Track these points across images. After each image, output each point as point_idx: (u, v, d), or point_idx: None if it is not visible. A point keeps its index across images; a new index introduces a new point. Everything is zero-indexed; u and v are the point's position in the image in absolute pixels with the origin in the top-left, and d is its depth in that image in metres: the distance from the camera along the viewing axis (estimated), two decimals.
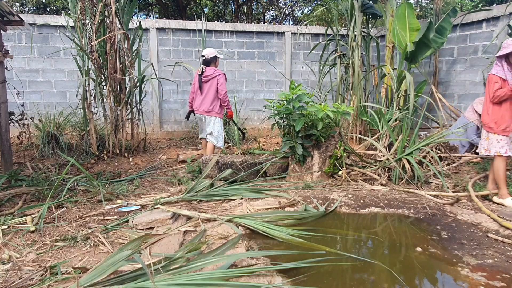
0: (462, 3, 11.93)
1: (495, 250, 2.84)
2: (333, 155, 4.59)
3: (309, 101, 4.46)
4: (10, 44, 6.88)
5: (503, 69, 3.66)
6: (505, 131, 3.71)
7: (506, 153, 3.71)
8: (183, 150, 6.29)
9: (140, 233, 3.03)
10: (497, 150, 3.73)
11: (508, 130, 3.71)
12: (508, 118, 3.70)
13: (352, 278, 2.50)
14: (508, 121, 3.70)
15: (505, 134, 3.71)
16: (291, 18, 16.04)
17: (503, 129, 3.71)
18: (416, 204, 3.76)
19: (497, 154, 3.73)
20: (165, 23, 7.64)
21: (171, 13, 14.17)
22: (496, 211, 3.49)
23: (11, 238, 2.97)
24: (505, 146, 3.71)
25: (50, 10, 12.80)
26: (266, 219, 3.30)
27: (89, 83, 5.40)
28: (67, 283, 2.27)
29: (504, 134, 3.71)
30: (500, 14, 5.89)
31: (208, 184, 4.16)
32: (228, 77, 8.07)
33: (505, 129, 3.71)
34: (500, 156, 3.74)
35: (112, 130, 5.56)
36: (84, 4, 5.03)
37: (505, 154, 3.71)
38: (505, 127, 3.71)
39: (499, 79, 3.67)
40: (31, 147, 6.04)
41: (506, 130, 3.71)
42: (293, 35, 8.23)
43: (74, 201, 3.80)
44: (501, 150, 3.72)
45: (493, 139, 3.76)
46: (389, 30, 6.80)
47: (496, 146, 3.74)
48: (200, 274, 2.29)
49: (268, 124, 7.78)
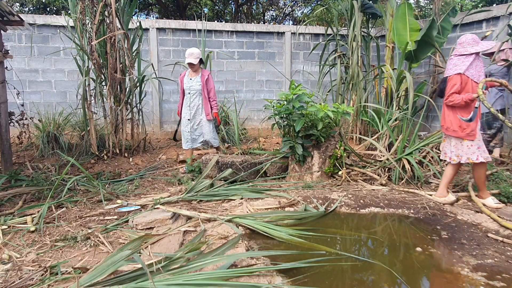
0: (462, 3, 11.93)
1: (495, 250, 2.84)
2: (333, 155, 4.59)
3: (309, 101, 4.46)
4: (10, 44, 6.88)
5: (471, 66, 3.50)
6: (470, 135, 3.52)
7: (477, 159, 3.51)
8: (183, 150, 6.28)
9: (140, 233, 3.03)
10: (469, 156, 3.55)
11: (473, 134, 3.52)
12: (473, 122, 3.48)
13: (352, 278, 2.50)
14: (473, 125, 3.51)
15: (470, 139, 3.53)
16: (291, 18, 16.04)
17: (467, 133, 3.53)
18: (416, 204, 3.76)
19: (469, 161, 3.55)
20: (165, 23, 7.64)
21: (171, 13, 14.17)
22: (496, 211, 3.49)
23: (11, 238, 2.97)
24: (476, 152, 3.53)
25: (50, 10, 12.79)
26: (266, 219, 3.30)
27: (89, 83, 5.40)
28: (67, 283, 2.27)
29: (469, 138, 3.53)
30: (500, 14, 5.89)
31: (208, 184, 4.16)
32: (228, 77, 8.12)
33: (470, 133, 3.52)
34: (481, 163, 3.56)
35: (112, 130, 5.56)
36: (84, 4, 5.03)
37: (476, 161, 3.52)
38: (470, 131, 3.52)
39: (461, 78, 3.49)
40: (31, 147, 6.03)
41: (470, 134, 3.52)
42: (293, 35, 8.23)
43: (74, 201, 3.80)
44: (472, 156, 3.54)
45: (464, 144, 3.57)
46: (389, 30, 6.80)
47: (467, 153, 3.56)
48: (200, 274, 2.29)
49: (268, 124, 7.78)
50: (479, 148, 3.55)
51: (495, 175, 4.36)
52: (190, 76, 4.99)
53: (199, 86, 4.92)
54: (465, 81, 3.52)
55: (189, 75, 5.02)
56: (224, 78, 8.10)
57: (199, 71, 4.99)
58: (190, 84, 4.96)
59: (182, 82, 5.04)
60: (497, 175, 4.35)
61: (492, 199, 3.66)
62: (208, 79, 4.95)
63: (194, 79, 4.95)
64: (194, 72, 4.98)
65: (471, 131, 3.52)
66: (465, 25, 6.50)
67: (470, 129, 3.52)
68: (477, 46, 3.51)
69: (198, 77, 4.94)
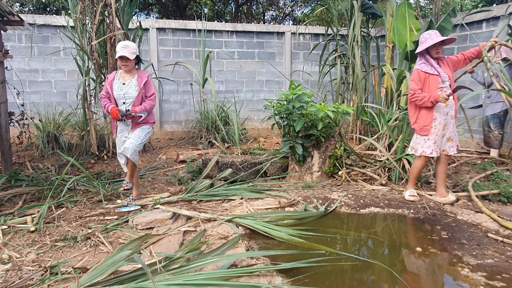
0: (462, 3, 11.93)
1: (495, 250, 2.84)
2: (333, 155, 4.59)
3: (309, 101, 4.46)
4: (10, 44, 6.88)
5: (428, 62, 3.60)
6: (423, 130, 3.65)
7: (431, 153, 3.63)
8: (183, 150, 6.28)
9: (140, 233, 3.03)
10: (424, 150, 3.67)
11: (426, 129, 3.63)
12: (425, 118, 3.63)
13: (352, 278, 2.50)
14: (426, 121, 3.63)
15: (423, 134, 3.65)
16: (291, 18, 16.04)
17: (420, 128, 3.67)
18: (416, 204, 3.76)
19: (423, 154, 3.67)
20: (165, 23, 7.64)
21: (171, 13, 14.17)
22: (496, 211, 3.49)
23: (11, 238, 2.98)
24: (432, 146, 3.63)
25: (50, 10, 12.79)
26: (266, 219, 3.30)
27: (89, 83, 5.40)
28: (67, 283, 2.27)
29: (422, 133, 3.66)
30: (500, 14, 5.89)
31: (208, 184, 4.17)
32: (228, 77, 8.12)
33: (422, 128, 3.66)
34: (424, 156, 3.70)
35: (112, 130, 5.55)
36: (84, 4, 5.03)
37: (430, 155, 3.64)
38: (422, 125, 3.66)
39: (423, 75, 3.59)
40: (31, 147, 6.03)
41: (423, 129, 3.65)
42: (293, 35, 8.23)
43: (74, 201, 3.81)
44: (427, 150, 3.65)
45: (420, 138, 3.71)
46: (389, 30, 6.80)
47: (423, 146, 3.68)
48: (200, 274, 2.29)
49: (268, 124, 7.78)
50: (436, 144, 3.66)
51: (495, 175, 4.36)
52: (123, 80, 3.75)
53: (136, 92, 3.70)
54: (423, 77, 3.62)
55: (121, 78, 3.76)
56: (224, 78, 8.10)
57: (134, 72, 3.78)
58: (123, 90, 3.71)
59: (112, 89, 3.73)
60: (497, 175, 4.35)
61: (410, 191, 3.89)
62: (147, 82, 3.77)
63: (128, 84, 3.72)
64: (127, 73, 3.75)
65: (424, 126, 3.65)
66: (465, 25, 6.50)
67: (422, 123, 3.65)
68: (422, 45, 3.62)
69: (134, 80, 3.74)
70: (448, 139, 3.69)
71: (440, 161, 3.77)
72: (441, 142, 3.67)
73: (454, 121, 3.69)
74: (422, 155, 3.70)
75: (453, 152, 3.71)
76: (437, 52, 3.59)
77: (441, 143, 3.68)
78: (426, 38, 3.57)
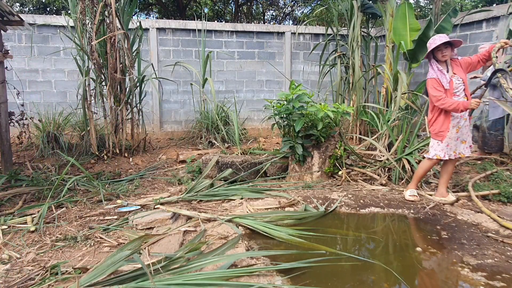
0: (462, 3, 11.93)
1: (495, 250, 2.84)
2: (333, 155, 4.59)
3: (309, 101, 4.46)
4: (10, 44, 6.88)
5: (436, 70, 3.56)
6: (438, 135, 3.65)
7: (444, 156, 3.63)
8: (183, 150, 6.28)
9: (140, 233, 3.03)
10: (437, 153, 3.67)
11: (441, 135, 3.62)
12: (442, 124, 3.61)
13: (352, 278, 2.50)
14: (442, 127, 3.61)
15: (437, 139, 3.65)
16: (291, 18, 16.04)
17: (435, 133, 3.66)
18: (416, 204, 3.76)
19: (436, 157, 3.67)
20: (165, 23, 7.64)
21: (171, 13, 14.17)
22: (496, 211, 3.49)
23: (11, 238, 2.97)
24: (445, 149, 3.63)
25: (50, 10, 12.80)
26: (266, 219, 3.30)
27: (89, 83, 5.40)
28: (67, 283, 2.27)
29: (436, 138, 3.66)
30: (500, 14, 5.89)
31: (208, 184, 4.17)
32: (228, 77, 8.12)
33: (437, 133, 3.65)
34: (437, 159, 3.70)
35: (112, 130, 5.55)
36: (84, 4, 5.03)
37: (443, 158, 3.64)
38: (438, 131, 3.65)
39: (437, 82, 3.54)
40: (31, 147, 6.03)
41: (438, 134, 3.64)
42: (293, 35, 8.23)
43: (74, 201, 3.80)
44: (440, 153, 3.65)
45: (433, 141, 3.72)
46: (389, 30, 6.80)
47: (436, 149, 3.67)
48: (200, 274, 2.29)
49: (268, 124, 7.78)
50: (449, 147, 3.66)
51: (495, 175, 4.36)
52: None
53: None
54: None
55: None
56: (224, 78, 8.10)
57: None
58: None
59: None
60: (497, 175, 4.35)
61: (410, 191, 3.91)
62: None
63: None
64: None
65: (439, 131, 3.64)
66: (465, 25, 6.50)
67: (438, 129, 3.65)
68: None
69: None
70: (462, 141, 3.69)
71: (449, 162, 3.77)
72: (455, 144, 3.66)
73: (468, 122, 3.69)
74: (434, 158, 3.69)
75: (468, 153, 3.73)
76: (443, 55, 3.53)
77: (455, 146, 3.66)
78: (430, 43, 3.55)
